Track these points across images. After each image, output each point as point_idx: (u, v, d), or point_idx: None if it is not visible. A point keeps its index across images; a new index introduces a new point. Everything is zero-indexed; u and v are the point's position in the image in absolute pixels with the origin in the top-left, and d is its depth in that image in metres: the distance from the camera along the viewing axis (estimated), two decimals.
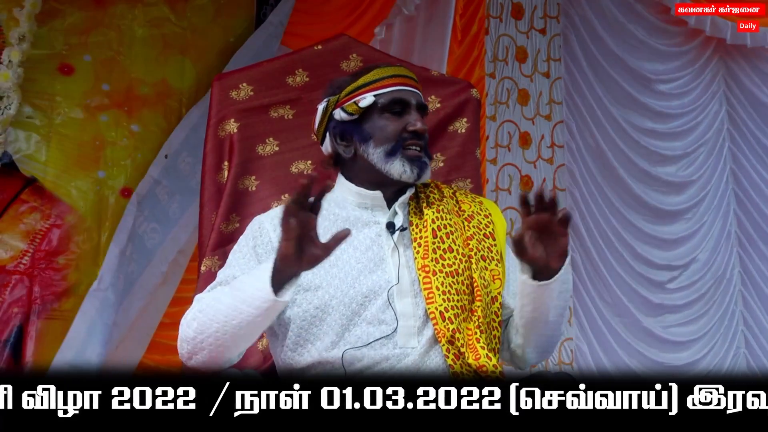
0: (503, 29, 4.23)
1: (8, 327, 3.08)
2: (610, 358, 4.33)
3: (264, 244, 1.81)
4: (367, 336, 1.71)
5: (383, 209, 1.86)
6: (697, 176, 4.66)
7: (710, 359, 4.53)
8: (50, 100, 3.23)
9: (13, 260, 3.14)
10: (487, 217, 1.93)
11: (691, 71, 4.67)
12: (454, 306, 1.73)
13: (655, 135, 4.58)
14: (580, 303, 4.36)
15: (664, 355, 4.44)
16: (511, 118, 4.25)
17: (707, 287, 4.61)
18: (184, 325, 1.71)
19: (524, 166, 4.27)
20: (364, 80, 1.87)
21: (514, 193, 4.20)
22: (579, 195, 4.43)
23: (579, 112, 4.45)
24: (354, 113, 1.85)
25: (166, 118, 3.41)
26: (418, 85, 1.92)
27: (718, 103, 4.78)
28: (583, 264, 4.38)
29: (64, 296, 3.18)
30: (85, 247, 3.24)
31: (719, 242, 4.69)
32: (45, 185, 3.20)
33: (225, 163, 2.20)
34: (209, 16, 3.50)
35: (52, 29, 3.22)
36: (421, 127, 1.83)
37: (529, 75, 4.32)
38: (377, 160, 1.83)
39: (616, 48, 4.48)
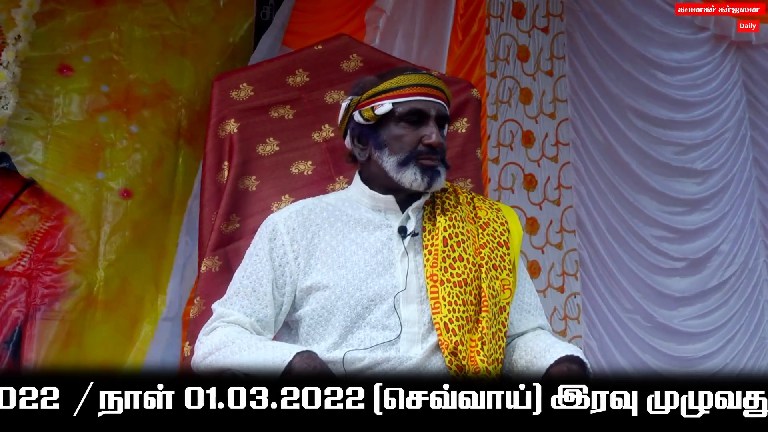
0: (504, 28, 4.23)
1: (8, 328, 3.08)
2: (622, 355, 4.33)
3: (278, 248, 1.83)
4: (370, 340, 1.72)
5: (396, 213, 1.86)
6: (718, 165, 4.66)
7: (729, 351, 4.54)
8: (49, 102, 3.22)
9: (12, 262, 3.13)
10: (503, 225, 1.93)
11: (711, 60, 4.66)
12: (459, 317, 1.73)
13: (675, 125, 4.57)
14: (590, 301, 4.36)
15: (679, 348, 4.44)
16: (514, 117, 4.24)
17: (728, 276, 4.61)
18: (201, 341, 1.81)
19: (528, 164, 4.27)
20: (386, 86, 1.85)
21: (517, 192, 4.20)
22: (585, 192, 4.41)
23: (585, 109, 4.45)
24: (370, 120, 1.85)
25: (165, 119, 3.40)
26: (443, 93, 1.88)
27: (739, 92, 4.78)
28: (591, 261, 4.38)
29: (64, 297, 3.17)
30: (84, 248, 3.23)
31: (742, 231, 4.69)
32: (44, 187, 3.20)
33: (225, 163, 2.20)
34: (209, 17, 3.49)
35: (51, 30, 3.21)
36: (436, 141, 1.81)
37: (532, 74, 4.32)
38: (390, 168, 1.83)
39: (630, 40, 4.46)
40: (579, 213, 4.39)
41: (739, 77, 4.78)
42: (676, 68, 4.59)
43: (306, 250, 1.81)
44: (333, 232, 1.79)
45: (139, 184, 3.33)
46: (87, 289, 3.21)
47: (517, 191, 4.19)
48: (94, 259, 3.24)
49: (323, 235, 1.83)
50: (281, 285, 1.81)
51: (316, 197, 1.97)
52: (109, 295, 3.25)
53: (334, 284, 1.76)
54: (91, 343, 3.18)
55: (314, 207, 1.89)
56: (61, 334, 3.14)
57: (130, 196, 3.31)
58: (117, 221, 3.29)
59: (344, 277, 1.76)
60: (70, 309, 3.17)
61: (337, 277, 1.76)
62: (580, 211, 4.40)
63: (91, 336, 3.19)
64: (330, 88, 2.30)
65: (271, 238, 1.84)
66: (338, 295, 1.75)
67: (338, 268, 1.77)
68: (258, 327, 1.80)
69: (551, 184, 4.32)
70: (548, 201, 4.31)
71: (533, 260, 4.19)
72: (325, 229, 1.84)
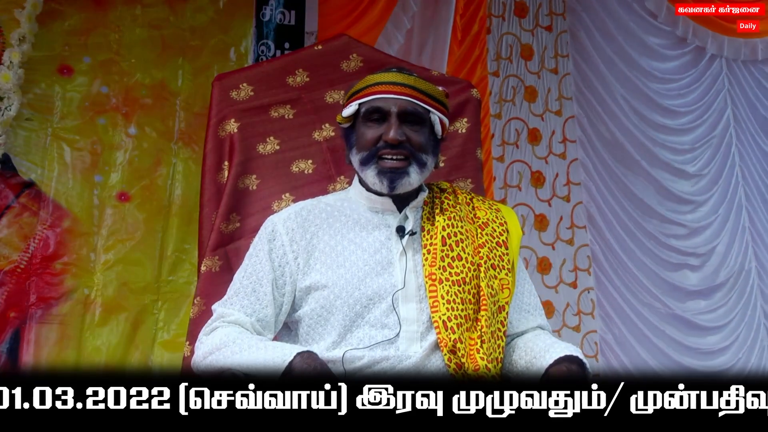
0: (506, 28, 4.24)
1: (5, 331, 3.07)
2: (643, 348, 4.33)
3: (278, 248, 1.82)
4: (369, 339, 1.72)
5: (394, 213, 1.86)
6: (706, 171, 4.71)
7: (739, 345, 4.57)
8: (49, 102, 3.22)
9: (10, 264, 3.13)
10: (502, 225, 1.92)
11: (694, 71, 4.71)
12: (457, 315, 1.73)
13: (665, 130, 4.63)
14: (605, 295, 4.36)
15: (693, 339, 4.47)
16: (518, 116, 4.26)
17: (728, 277, 4.65)
18: (201, 341, 1.79)
19: (534, 162, 4.29)
20: (356, 88, 1.87)
21: (525, 189, 4.20)
22: (594, 188, 4.44)
23: (591, 106, 4.47)
24: (342, 122, 1.88)
25: (163, 121, 3.40)
26: (411, 90, 1.83)
27: (723, 101, 4.81)
28: (604, 256, 4.39)
29: (61, 301, 3.16)
30: (82, 251, 3.23)
31: (735, 234, 4.73)
32: (42, 189, 3.19)
33: (225, 163, 2.19)
34: (209, 17, 3.49)
35: (51, 30, 3.21)
36: (392, 137, 1.78)
37: (536, 72, 4.33)
38: (357, 167, 1.85)
39: (625, 44, 4.52)
40: (589, 209, 4.42)
41: (723, 86, 4.82)
42: (660, 78, 4.64)
43: (305, 251, 1.81)
44: (332, 232, 1.79)
45: (137, 186, 3.33)
46: (84, 292, 3.21)
47: (525, 188, 4.20)
48: (92, 263, 3.23)
49: (322, 235, 1.83)
50: (281, 285, 1.81)
51: (315, 198, 1.97)
52: (107, 298, 3.24)
53: (332, 284, 1.76)
54: (89, 346, 3.17)
55: (313, 208, 1.89)
56: (59, 337, 3.13)
57: (128, 200, 3.31)
58: (114, 224, 3.28)
59: (343, 277, 1.76)
60: (67, 312, 3.16)
61: (336, 277, 1.76)
62: (591, 207, 4.42)
63: (89, 339, 3.18)
64: (330, 88, 2.30)
65: (271, 239, 1.83)
66: (337, 294, 1.75)
67: (337, 268, 1.77)
68: (258, 327, 1.79)
69: (560, 181, 4.34)
70: (557, 197, 4.32)
71: (543, 256, 4.20)
72: (324, 230, 1.84)
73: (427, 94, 1.85)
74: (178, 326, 3.24)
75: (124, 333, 3.21)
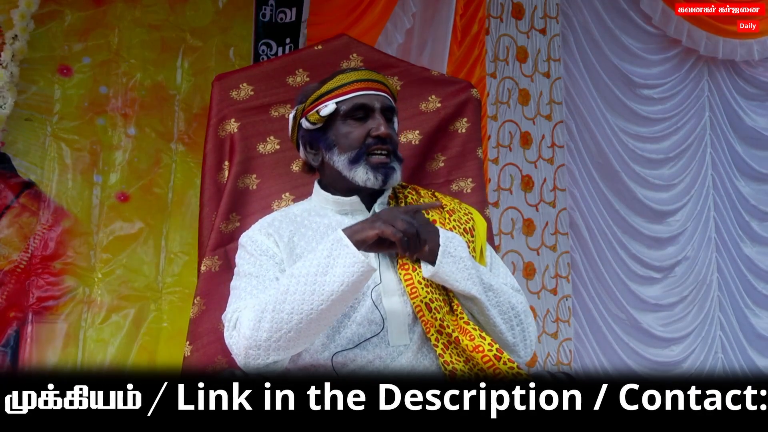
0: (504, 29, 4.24)
1: (5, 331, 3.07)
2: (608, 357, 4.36)
3: (264, 248, 1.79)
4: (358, 337, 1.71)
5: (363, 212, 1.85)
6: (678, 180, 4.75)
7: (695, 358, 4.64)
8: (48, 102, 3.22)
9: (10, 264, 3.13)
10: (467, 214, 1.92)
11: (676, 77, 4.74)
12: (437, 298, 1.73)
13: (640, 138, 4.66)
14: (580, 303, 4.38)
15: (657, 351, 4.52)
16: (512, 118, 4.25)
17: (690, 290, 4.70)
18: (249, 328, 1.64)
19: (525, 165, 4.27)
20: (327, 87, 1.85)
21: (515, 193, 4.19)
22: (579, 194, 4.45)
23: (579, 112, 4.49)
24: (317, 122, 1.85)
25: (162, 121, 3.40)
26: (385, 86, 1.87)
27: (701, 110, 4.85)
28: (582, 263, 4.40)
29: (61, 300, 3.17)
30: (81, 251, 3.23)
31: (701, 246, 4.77)
32: (42, 189, 3.19)
33: (225, 163, 2.19)
34: (208, 17, 3.49)
35: (51, 31, 3.22)
36: (384, 131, 1.80)
37: (530, 75, 4.32)
38: (342, 168, 1.82)
39: (608, 50, 4.55)
40: (572, 215, 4.42)
41: (703, 93, 4.86)
42: (641, 84, 4.66)
43: (287, 246, 1.80)
44: (307, 238, 1.77)
45: (136, 186, 3.33)
46: (84, 291, 3.21)
47: (515, 192, 4.19)
48: (92, 262, 3.23)
49: (298, 240, 1.82)
50: (279, 263, 1.79)
51: (280, 210, 1.96)
52: (107, 298, 3.24)
53: None
54: (89, 346, 3.17)
55: (283, 218, 1.87)
56: (59, 336, 3.13)
57: (127, 200, 3.31)
58: (114, 224, 3.29)
59: None
60: (67, 312, 3.16)
61: None
62: (574, 214, 4.43)
63: (89, 338, 3.18)
64: None
65: (254, 246, 1.81)
66: None
67: None
68: None
69: (547, 186, 4.33)
70: (544, 202, 4.31)
71: (529, 262, 4.19)
72: (299, 235, 1.83)
73: (392, 94, 1.90)
74: (177, 326, 3.24)
75: (123, 332, 3.22)
